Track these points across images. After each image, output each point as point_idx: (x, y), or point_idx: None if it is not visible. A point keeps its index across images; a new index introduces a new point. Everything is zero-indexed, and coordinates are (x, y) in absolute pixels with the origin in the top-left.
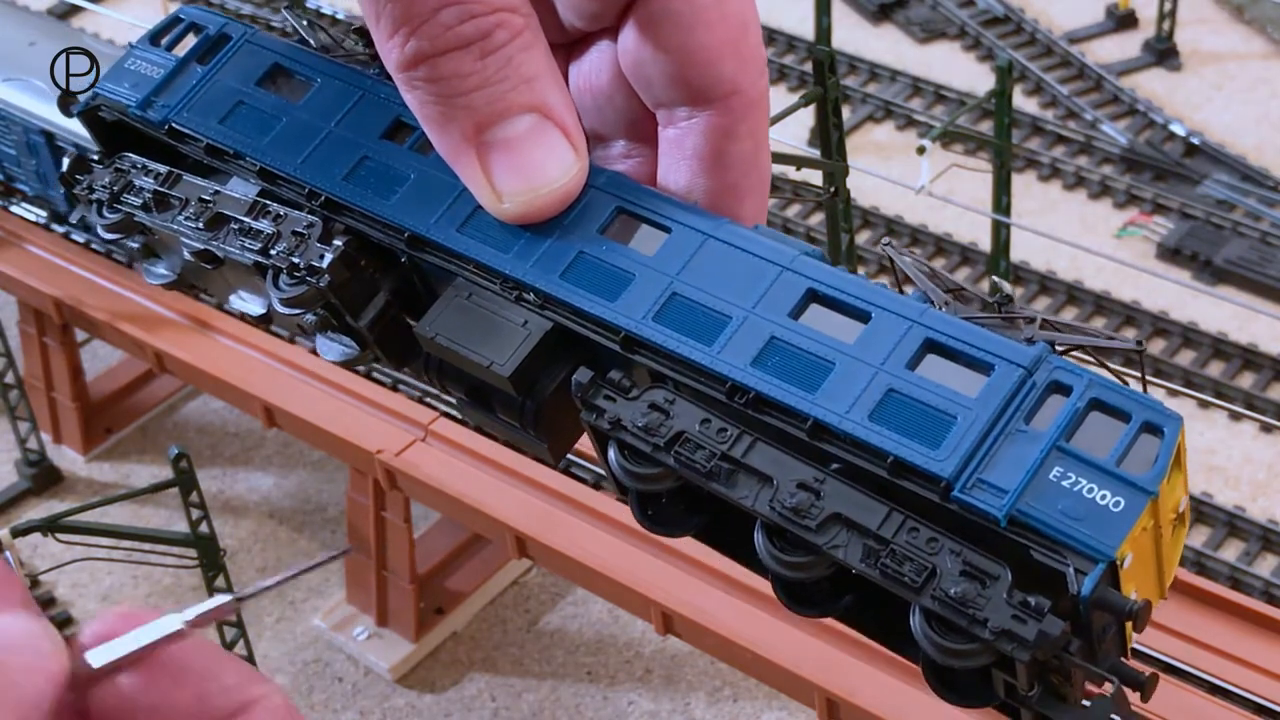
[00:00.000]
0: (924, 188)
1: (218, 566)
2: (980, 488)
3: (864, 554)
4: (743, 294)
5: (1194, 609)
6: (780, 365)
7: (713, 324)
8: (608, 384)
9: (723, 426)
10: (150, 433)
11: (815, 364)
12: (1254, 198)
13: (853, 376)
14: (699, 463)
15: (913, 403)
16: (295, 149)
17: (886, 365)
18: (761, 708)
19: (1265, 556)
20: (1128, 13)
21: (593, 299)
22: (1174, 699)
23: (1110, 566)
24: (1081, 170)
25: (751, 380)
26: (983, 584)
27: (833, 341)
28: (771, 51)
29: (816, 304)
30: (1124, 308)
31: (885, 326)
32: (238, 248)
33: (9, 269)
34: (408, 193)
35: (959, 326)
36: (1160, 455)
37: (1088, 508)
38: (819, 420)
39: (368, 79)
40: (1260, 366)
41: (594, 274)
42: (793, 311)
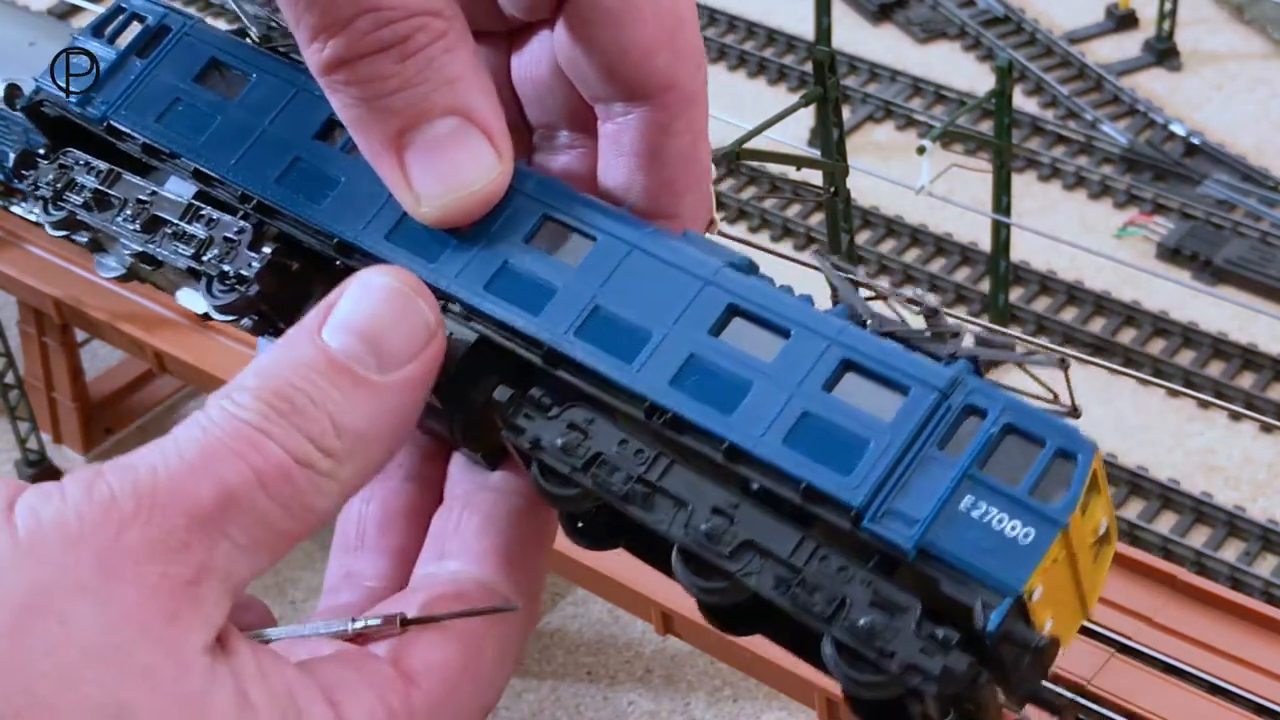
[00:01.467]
0: (924, 188)
1: None
2: (890, 517)
3: (775, 582)
4: (665, 309)
5: (1194, 609)
6: (698, 385)
7: (633, 340)
8: (528, 402)
9: (640, 448)
10: (150, 433)
11: (733, 384)
12: (1254, 198)
13: (769, 397)
14: (615, 485)
15: (827, 426)
16: (229, 149)
17: (803, 386)
18: (761, 708)
19: (1265, 556)
20: (1128, 13)
21: (515, 311)
22: (1174, 699)
23: (1018, 600)
24: (1081, 170)
25: (668, 400)
26: (892, 615)
27: (751, 360)
28: (771, 51)
29: (738, 319)
30: (1124, 308)
31: (804, 345)
32: (172, 252)
33: (9, 269)
34: (339, 196)
35: (877, 346)
36: (1072, 484)
37: (997, 540)
38: (734, 444)
39: (301, 74)
40: (1260, 366)
41: (518, 285)
42: (713, 328)
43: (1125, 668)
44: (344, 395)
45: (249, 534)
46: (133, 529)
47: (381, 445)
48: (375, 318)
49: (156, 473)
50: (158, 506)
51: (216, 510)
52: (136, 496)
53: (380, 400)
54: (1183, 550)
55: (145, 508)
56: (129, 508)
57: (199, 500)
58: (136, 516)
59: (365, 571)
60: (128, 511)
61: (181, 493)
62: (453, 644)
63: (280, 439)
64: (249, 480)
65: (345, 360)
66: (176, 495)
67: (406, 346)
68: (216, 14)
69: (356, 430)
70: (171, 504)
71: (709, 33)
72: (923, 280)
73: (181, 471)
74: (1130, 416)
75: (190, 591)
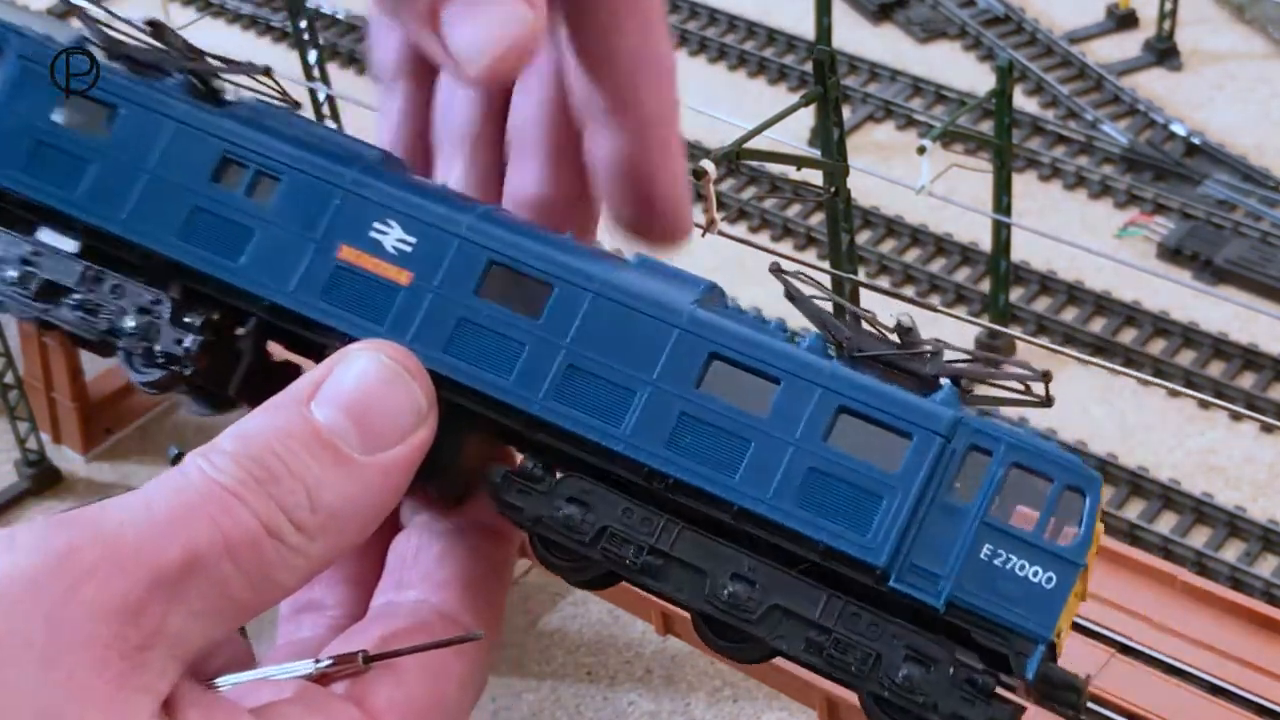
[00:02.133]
0: (924, 188)
1: None
2: (914, 574)
3: (806, 645)
4: (642, 360)
5: (1195, 609)
6: (695, 445)
7: (616, 399)
8: (520, 477)
9: (646, 516)
10: (150, 433)
11: (731, 442)
12: (1254, 198)
13: (771, 454)
14: (629, 559)
15: (836, 482)
16: (116, 199)
17: (803, 440)
18: (761, 708)
19: (1266, 557)
20: (1128, 12)
21: (486, 376)
22: (1175, 699)
23: (1049, 645)
24: (1082, 170)
25: (670, 467)
26: (927, 668)
27: (744, 415)
28: (771, 51)
29: (719, 363)
30: (1124, 308)
31: (796, 393)
32: (78, 323)
33: None
34: (256, 250)
35: (870, 389)
36: (1084, 521)
37: (1021, 587)
38: (744, 508)
39: (177, 103)
40: (1261, 366)
41: (479, 345)
42: (697, 380)
43: (1126, 668)
44: (324, 470)
45: (208, 601)
46: (90, 585)
47: (356, 526)
48: (365, 396)
49: (124, 527)
50: (121, 562)
51: (180, 573)
52: (102, 548)
53: (360, 481)
54: (1183, 550)
55: (108, 562)
56: (88, 561)
57: (164, 561)
58: (95, 571)
59: (325, 600)
60: (86, 565)
61: (147, 550)
62: (417, 678)
63: (254, 506)
64: (217, 545)
65: (330, 436)
66: (142, 553)
67: (395, 428)
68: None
69: (332, 508)
70: (135, 562)
71: (709, 33)
72: (923, 280)
73: (150, 529)
74: (1131, 417)
75: (140, 657)
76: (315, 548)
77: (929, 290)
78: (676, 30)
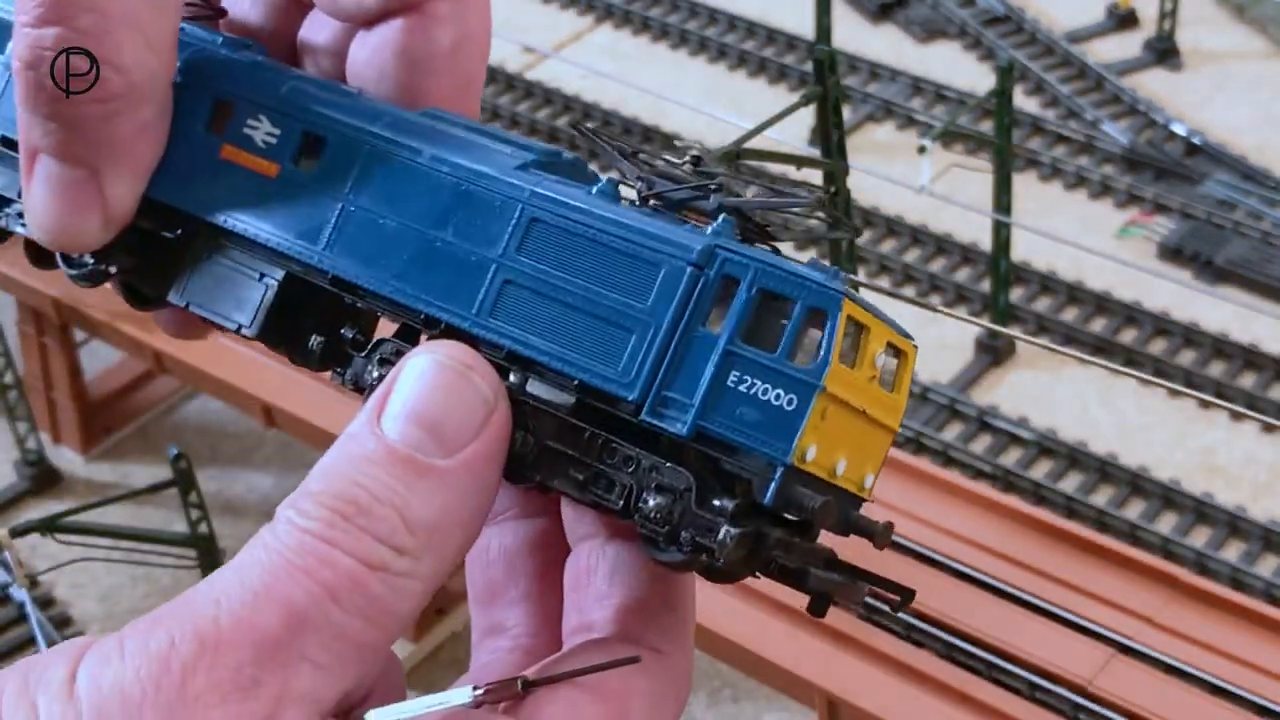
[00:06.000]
0: (924, 188)
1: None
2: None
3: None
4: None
5: (1195, 609)
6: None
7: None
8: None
9: None
10: (149, 433)
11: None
12: (1255, 197)
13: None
14: None
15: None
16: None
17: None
18: (762, 708)
19: (1266, 557)
20: (1128, 12)
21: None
22: (1175, 699)
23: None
24: (1082, 170)
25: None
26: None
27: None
28: (771, 51)
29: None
30: (1125, 308)
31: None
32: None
33: (9, 269)
34: None
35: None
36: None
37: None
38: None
39: None
40: (1261, 367)
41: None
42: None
43: (1126, 668)
44: (409, 487)
45: (329, 651)
46: (197, 677)
47: (459, 532)
48: (430, 400)
49: (219, 608)
50: (222, 645)
51: (286, 636)
52: (198, 639)
53: (448, 486)
54: (1184, 551)
55: (209, 650)
56: (190, 653)
57: (265, 630)
58: (200, 661)
59: (506, 622)
60: (189, 657)
61: (245, 626)
62: (591, 700)
63: (348, 546)
64: (318, 597)
65: (405, 449)
66: (240, 630)
67: (467, 425)
68: None
69: (428, 521)
70: (236, 641)
71: (709, 33)
72: (923, 280)
73: (244, 603)
74: (1131, 416)
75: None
76: (423, 566)
77: (929, 290)
78: (676, 30)
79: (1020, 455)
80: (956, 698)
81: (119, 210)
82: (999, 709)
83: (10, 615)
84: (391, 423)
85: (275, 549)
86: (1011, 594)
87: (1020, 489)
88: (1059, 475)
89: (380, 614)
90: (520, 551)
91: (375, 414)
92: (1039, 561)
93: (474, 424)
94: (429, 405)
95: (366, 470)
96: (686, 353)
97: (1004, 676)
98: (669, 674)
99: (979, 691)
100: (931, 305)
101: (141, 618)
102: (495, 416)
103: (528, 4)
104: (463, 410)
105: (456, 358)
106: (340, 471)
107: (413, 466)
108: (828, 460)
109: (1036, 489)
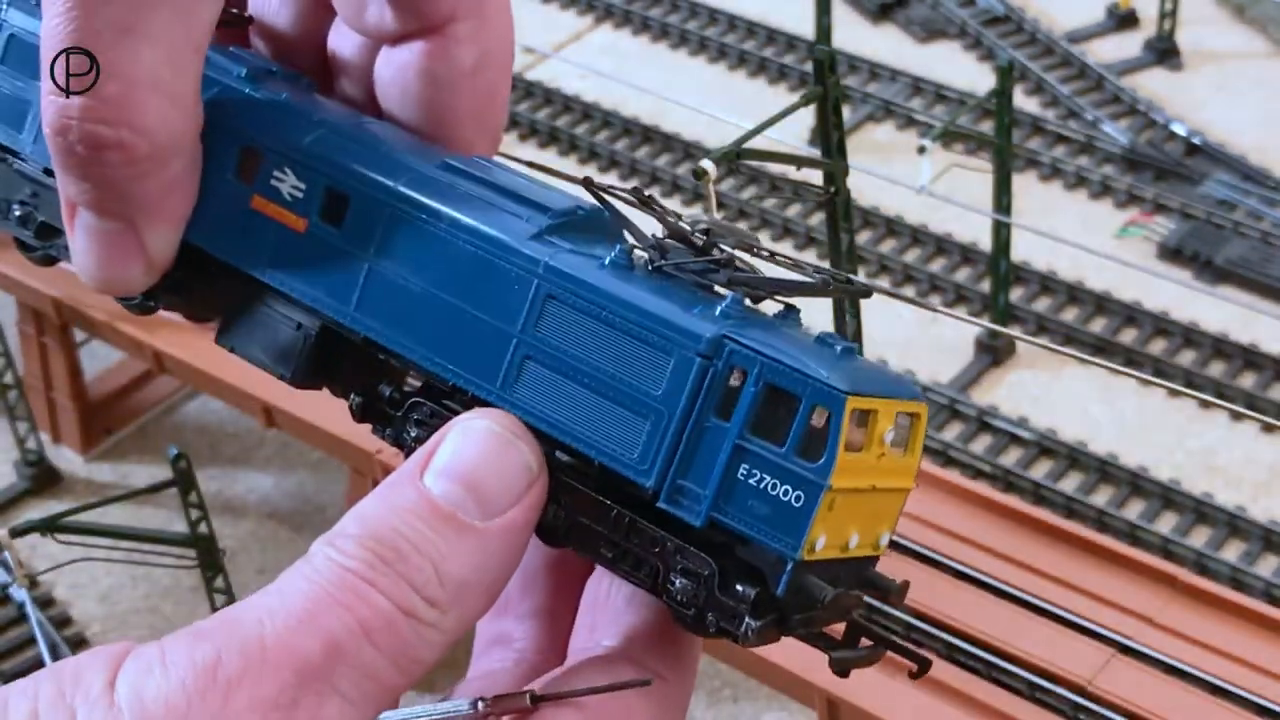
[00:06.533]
0: (924, 188)
1: (217, 567)
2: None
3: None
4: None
5: (1195, 609)
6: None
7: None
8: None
9: None
10: (149, 433)
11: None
12: (1255, 198)
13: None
14: None
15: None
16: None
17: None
18: (761, 708)
19: (1266, 557)
20: (1128, 12)
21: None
22: (1175, 699)
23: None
24: (1082, 170)
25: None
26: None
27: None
28: (771, 51)
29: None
30: (1125, 308)
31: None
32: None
33: (9, 269)
34: None
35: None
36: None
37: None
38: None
39: None
40: (1261, 367)
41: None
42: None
43: (1126, 668)
44: (447, 543)
45: (358, 688)
46: (241, 692)
47: (485, 592)
48: (476, 463)
49: (264, 627)
50: (268, 665)
51: (326, 664)
52: (244, 655)
53: (483, 547)
54: (1184, 551)
55: (255, 666)
56: (236, 668)
57: (308, 655)
58: (245, 676)
59: (513, 634)
60: (234, 672)
61: (290, 648)
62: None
63: (385, 589)
64: (355, 632)
65: (448, 507)
66: (285, 651)
67: (508, 491)
68: None
69: (461, 578)
70: (281, 661)
71: (709, 33)
72: (923, 280)
73: (289, 625)
74: (1131, 417)
75: None
76: (449, 620)
77: (929, 290)
78: (676, 30)
79: (1020, 455)
80: (956, 698)
81: (160, 259)
82: (999, 709)
83: (10, 615)
84: (435, 479)
85: (315, 580)
86: (1011, 594)
87: (1020, 489)
88: (1059, 475)
89: (407, 660)
90: (539, 569)
91: (419, 469)
92: (1039, 561)
93: (516, 490)
94: (475, 467)
95: (408, 521)
96: (699, 442)
97: (1004, 676)
98: (669, 701)
99: (979, 691)
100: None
101: (181, 630)
102: (536, 487)
103: (528, 4)
104: (508, 476)
105: (506, 425)
106: (381, 518)
107: (453, 524)
108: (839, 540)
109: (1036, 489)
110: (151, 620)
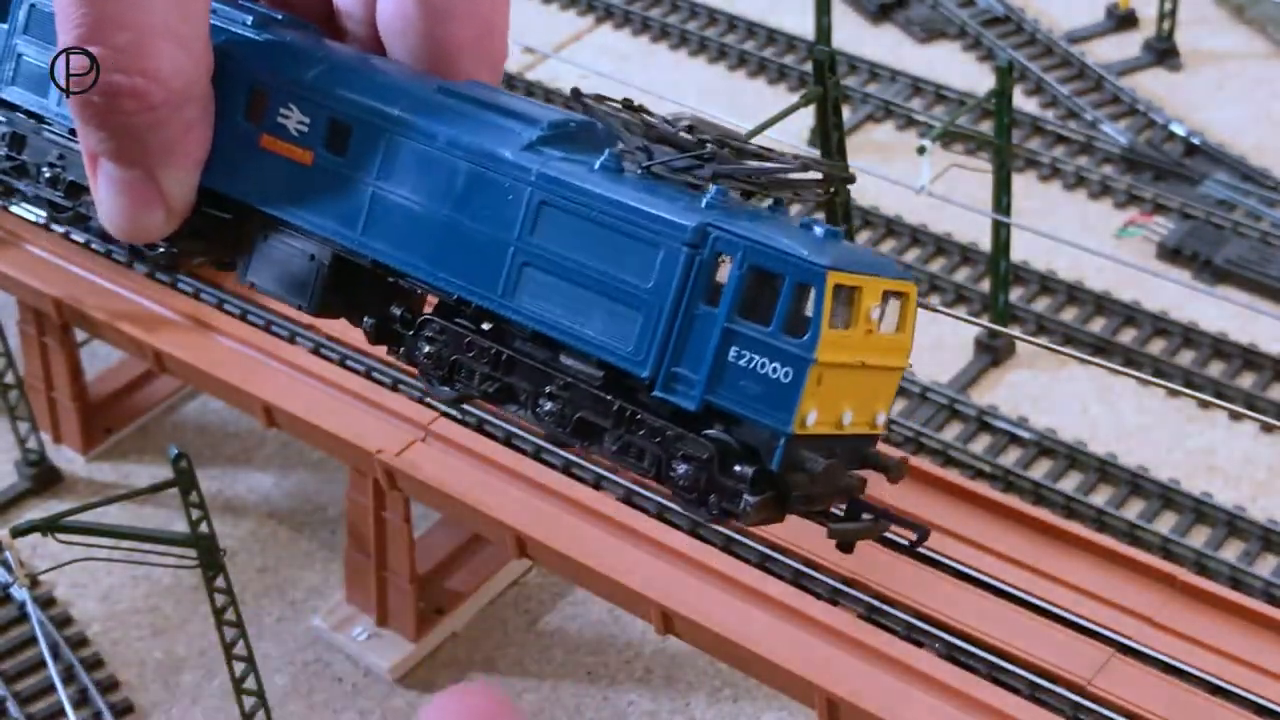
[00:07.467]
0: (924, 188)
1: (217, 567)
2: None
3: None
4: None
5: (1195, 609)
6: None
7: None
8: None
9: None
10: (150, 433)
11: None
12: (1254, 198)
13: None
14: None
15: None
16: None
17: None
18: (761, 708)
19: (1266, 557)
20: (1128, 13)
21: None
22: (1174, 699)
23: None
24: (1081, 170)
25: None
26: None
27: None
28: (771, 51)
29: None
30: (1124, 308)
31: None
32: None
33: (9, 269)
34: None
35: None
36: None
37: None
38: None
39: None
40: (1261, 366)
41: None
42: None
43: (1125, 668)
44: None
45: None
46: None
47: None
48: None
49: None
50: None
51: None
52: None
53: None
54: (1183, 550)
55: None
56: None
57: None
58: None
59: None
60: None
61: None
62: None
63: None
64: None
65: None
66: None
67: None
68: None
69: None
70: None
71: (709, 33)
72: (923, 280)
73: None
74: (1130, 417)
75: None
76: None
77: (929, 290)
78: (676, 30)
79: (1020, 455)
80: (956, 698)
81: (179, 203)
82: (999, 709)
83: (11, 615)
84: None
85: None
86: (1011, 594)
87: (1020, 489)
88: (1058, 475)
89: None
90: None
91: None
92: (1039, 561)
93: None
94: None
95: None
96: (690, 330)
97: (1004, 676)
98: None
99: (979, 691)
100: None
101: None
102: None
103: (528, 4)
104: None
105: None
106: None
107: None
108: (832, 416)
109: (1036, 489)
110: (152, 620)
